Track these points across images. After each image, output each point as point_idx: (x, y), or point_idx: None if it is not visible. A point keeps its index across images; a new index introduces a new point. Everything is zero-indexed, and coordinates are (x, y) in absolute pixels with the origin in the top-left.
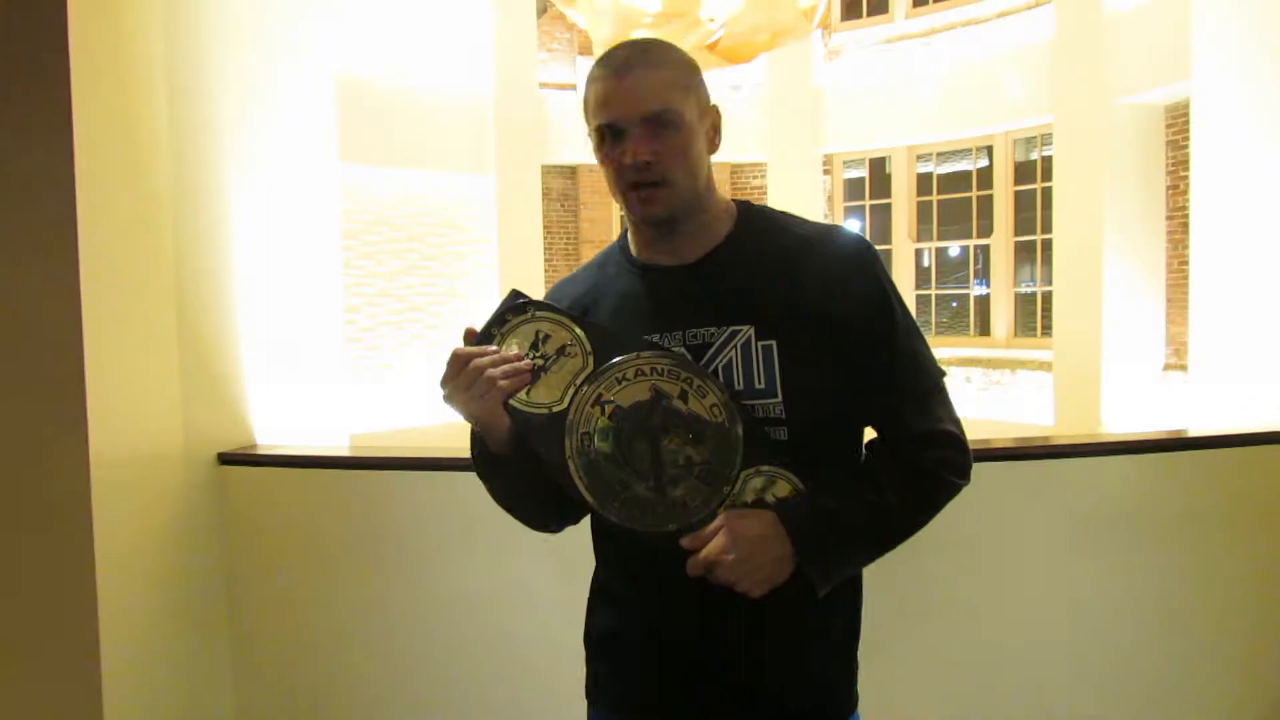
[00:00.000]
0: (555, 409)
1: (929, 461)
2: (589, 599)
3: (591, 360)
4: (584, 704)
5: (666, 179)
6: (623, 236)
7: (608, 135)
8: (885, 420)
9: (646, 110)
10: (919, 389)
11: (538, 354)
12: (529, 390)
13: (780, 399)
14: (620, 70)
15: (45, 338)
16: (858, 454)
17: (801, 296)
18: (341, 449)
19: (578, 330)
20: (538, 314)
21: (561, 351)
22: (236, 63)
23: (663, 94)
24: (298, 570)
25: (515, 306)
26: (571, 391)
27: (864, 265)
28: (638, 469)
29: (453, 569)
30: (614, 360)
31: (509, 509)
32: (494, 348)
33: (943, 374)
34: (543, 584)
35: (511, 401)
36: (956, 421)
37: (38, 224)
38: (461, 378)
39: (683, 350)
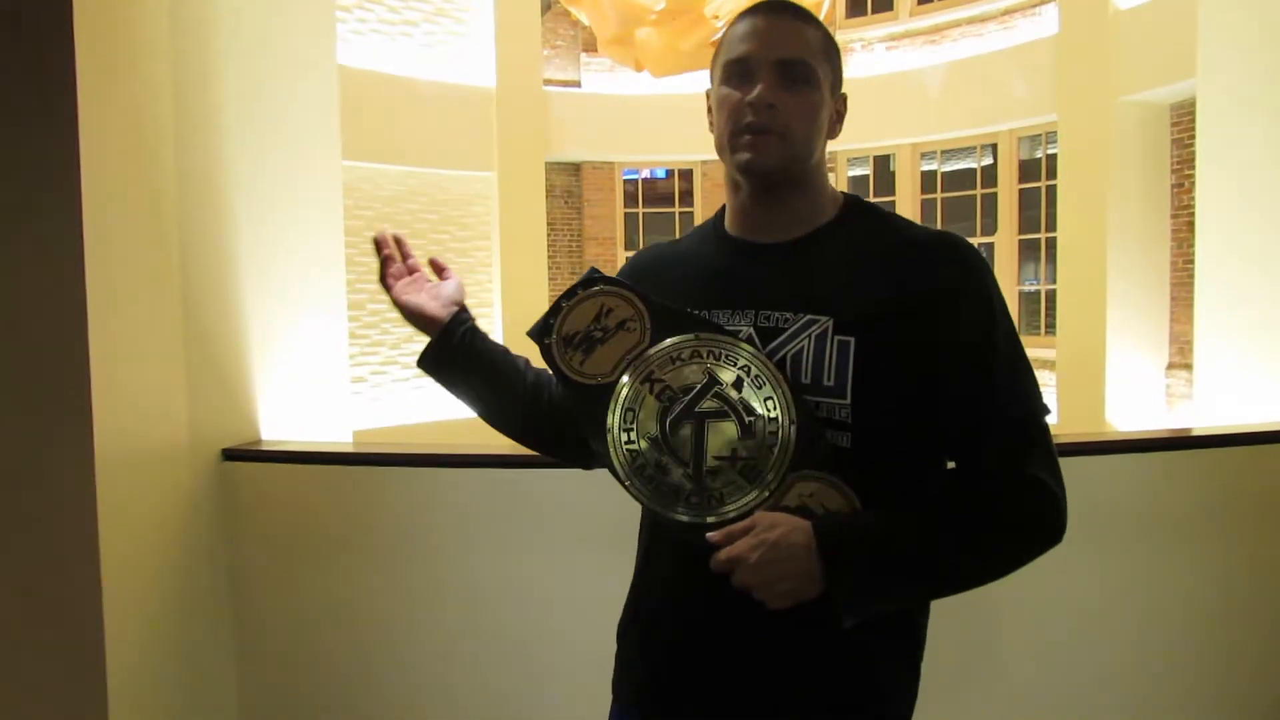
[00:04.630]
0: (604, 380)
1: (1007, 511)
2: (629, 591)
3: (649, 337)
4: (589, 700)
5: (785, 131)
6: (721, 210)
7: (735, 74)
8: (966, 456)
9: (786, 55)
10: (1011, 427)
11: (598, 325)
12: (583, 361)
13: (849, 401)
14: (770, 11)
15: (49, 333)
16: (926, 482)
17: (894, 298)
18: (345, 445)
19: (640, 306)
20: (606, 288)
21: (622, 325)
22: (241, 59)
23: (806, 47)
24: (301, 566)
25: (586, 281)
26: (623, 365)
27: (973, 277)
28: (678, 454)
29: (456, 565)
30: (670, 338)
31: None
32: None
33: (1046, 411)
34: (547, 580)
35: (565, 370)
36: (1053, 470)
37: (42, 218)
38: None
39: (751, 332)
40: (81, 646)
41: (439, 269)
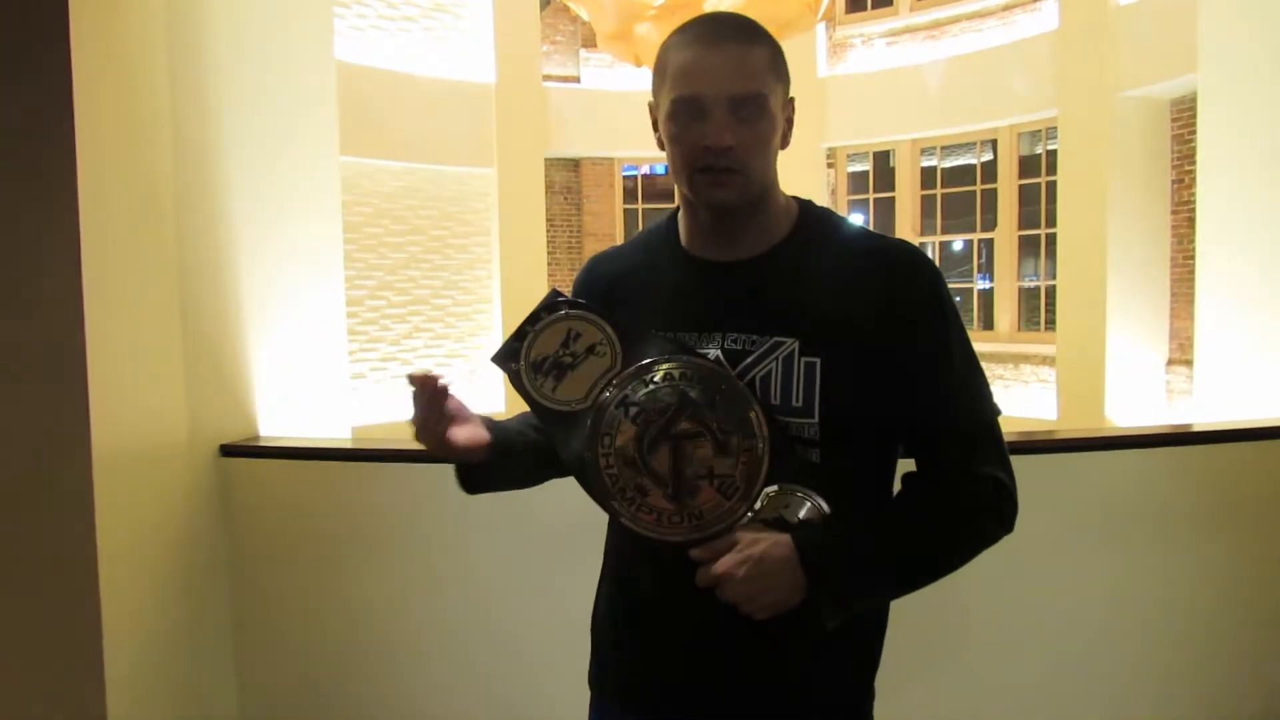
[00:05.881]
0: (578, 407)
1: (967, 507)
2: (597, 585)
3: (620, 361)
4: (589, 694)
5: (745, 167)
6: (671, 219)
7: (686, 111)
8: (927, 457)
9: (736, 91)
10: (967, 429)
11: (567, 351)
12: (555, 387)
13: (816, 420)
14: (713, 39)
15: (47, 329)
16: (891, 486)
17: (853, 314)
18: (344, 441)
19: (609, 330)
20: (571, 312)
21: (591, 350)
22: (238, 54)
23: (756, 76)
24: (300, 561)
25: (550, 305)
26: (596, 391)
27: (927, 288)
28: (656, 475)
29: (455, 560)
30: (642, 362)
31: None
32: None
33: (997, 412)
34: (546, 574)
35: (536, 397)
36: (1005, 466)
37: (39, 215)
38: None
39: (719, 354)
40: (80, 641)
41: (433, 382)
